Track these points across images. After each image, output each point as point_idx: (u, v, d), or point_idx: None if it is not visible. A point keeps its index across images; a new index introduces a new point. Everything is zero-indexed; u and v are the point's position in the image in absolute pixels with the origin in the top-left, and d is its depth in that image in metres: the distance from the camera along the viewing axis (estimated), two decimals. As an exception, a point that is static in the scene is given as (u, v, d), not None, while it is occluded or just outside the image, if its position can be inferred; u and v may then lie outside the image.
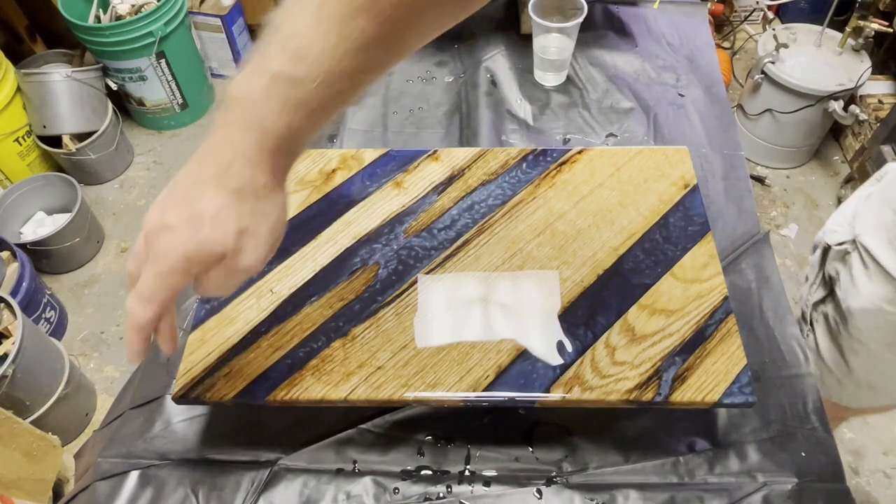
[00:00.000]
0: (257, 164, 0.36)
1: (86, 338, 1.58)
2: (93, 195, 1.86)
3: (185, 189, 0.37)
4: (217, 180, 0.36)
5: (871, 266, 0.66)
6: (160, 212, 0.37)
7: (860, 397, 0.76)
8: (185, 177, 0.38)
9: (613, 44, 0.95)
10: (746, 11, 2.11)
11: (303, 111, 0.35)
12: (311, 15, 0.33)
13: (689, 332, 0.54)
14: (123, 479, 0.57)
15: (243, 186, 0.37)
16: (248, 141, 0.36)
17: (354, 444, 0.58)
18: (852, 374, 0.73)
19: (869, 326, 0.68)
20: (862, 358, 0.71)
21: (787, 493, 0.54)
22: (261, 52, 0.35)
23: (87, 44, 1.76)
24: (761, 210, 1.73)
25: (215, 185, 0.36)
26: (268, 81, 0.34)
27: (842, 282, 0.70)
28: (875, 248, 0.65)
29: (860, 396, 0.76)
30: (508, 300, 0.56)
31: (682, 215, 0.62)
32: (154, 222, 0.37)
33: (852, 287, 0.68)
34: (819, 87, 1.56)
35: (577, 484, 0.55)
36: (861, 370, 0.72)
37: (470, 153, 0.67)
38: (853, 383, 0.74)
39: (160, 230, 0.37)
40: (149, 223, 0.38)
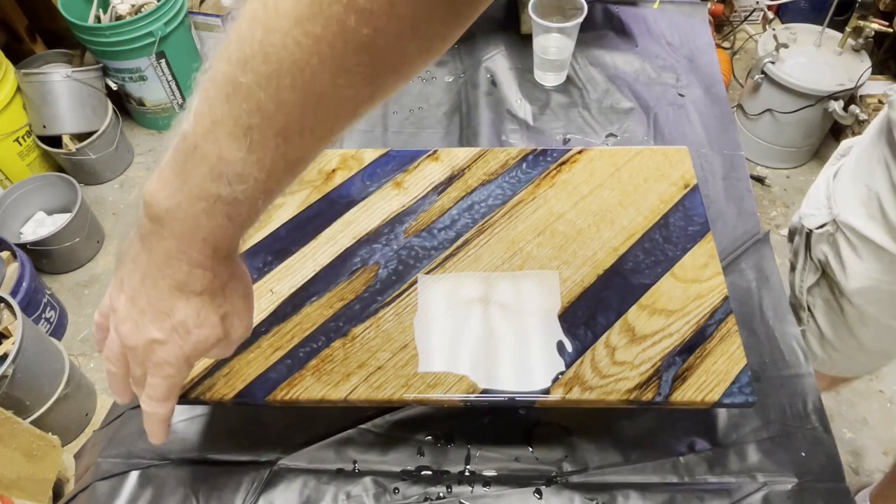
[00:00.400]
0: (213, 267, 0.36)
1: (86, 338, 1.58)
2: (93, 195, 1.86)
3: (149, 304, 0.37)
4: (181, 291, 0.37)
5: (858, 243, 0.67)
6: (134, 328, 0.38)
7: (873, 365, 0.78)
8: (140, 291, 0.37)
9: (613, 44, 0.95)
10: (746, 11, 2.12)
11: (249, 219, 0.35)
12: (239, 143, 0.31)
13: (689, 332, 0.54)
14: (123, 479, 0.57)
15: (207, 286, 0.37)
16: (198, 253, 0.35)
17: (354, 444, 0.58)
18: (863, 348, 0.74)
19: (870, 302, 0.69)
20: (872, 330, 0.71)
21: (787, 493, 0.54)
22: (183, 168, 0.33)
23: (87, 44, 1.76)
24: (761, 210, 1.73)
25: (183, 296, 0.37)
26: (207, 206, 0.33)
27: (832, 264, 0.71)
28: (858, 224, 0.66)
29: (873, 364, 0.77)
30: (508, 300, 0.56)
31: (682, 215, 0.62)
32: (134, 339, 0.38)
33: (844, 268, 0.69)
34: (819, 87, 1.56)
35: (577, 484, 0.55)
36: (873, 342, 0.73)
37: (470, 153, 0.67)
38: (865, 355, 0.75)
39: (150, 345, 0.38)
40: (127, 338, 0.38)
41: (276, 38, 0.28)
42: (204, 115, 0.31)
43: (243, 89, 0.30)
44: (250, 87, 0.29)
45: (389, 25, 0.28)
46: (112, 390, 0.42)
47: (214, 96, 0.31)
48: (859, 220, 0.66)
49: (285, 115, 0.30)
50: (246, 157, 0.31)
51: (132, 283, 0.37)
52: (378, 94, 0.32)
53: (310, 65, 0.29)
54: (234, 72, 0.30)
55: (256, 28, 0.29)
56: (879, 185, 0.64)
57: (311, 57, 0.28)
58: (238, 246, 0.38)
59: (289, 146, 0.32)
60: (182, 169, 0.33)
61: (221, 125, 0.31)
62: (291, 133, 0.31)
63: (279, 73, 0.29)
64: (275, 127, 0.31)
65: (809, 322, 0.77)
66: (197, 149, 0.32)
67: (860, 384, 1.42)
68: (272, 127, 0.31)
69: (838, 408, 1.38)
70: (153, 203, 0.34)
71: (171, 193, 0.33)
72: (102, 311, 0.42)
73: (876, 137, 0.65)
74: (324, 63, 0.29)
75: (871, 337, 0.72)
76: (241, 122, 0.30)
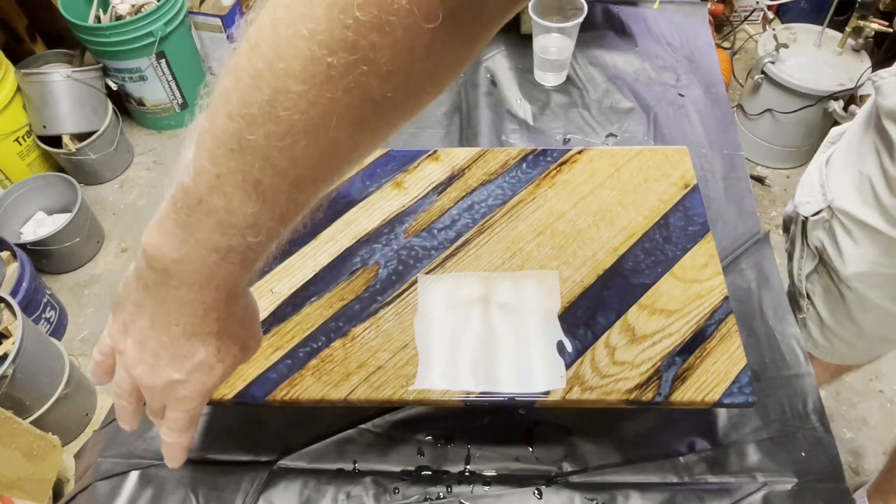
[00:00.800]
0: (228, 307, 0.36)
1: (86, 338, 1.58)
2: (93, 195, 1.86)
3: (163, 349, 0.37)
4: (196, 333, 0.36)
5: (854, 228, 0.67)
6: (149, 370, 0.37)
7: (874, 351, 0.77)
8: (149, 337, 0.37)
9: (613, 44, 0.95)
10: (746, 11, 2.11)
11: (263, 260, 0.35)
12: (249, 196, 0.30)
13: (689, 332, 0.54)
14: (123, 479, 0.57)
15: (224, 323, 0.37)
16: (212, 300, 0.35)
17: (354, 444, 0.58)
18: (864, 333, 0.74)
19: (869, 286, 0.69)
20: (872, 315, 0.71)
21: (787, 493, 0.54)
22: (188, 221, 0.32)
23: (87, 44, 1.76)
24: (761, 210, 1.73)
25: (200, 338, 0.36)
26: (219, 257, 0.32)
27: (829, 250, 0.71)
28: (852, 209, 0.66)
29: (874, 350, 0.77)
30: (508, 300, 0.56)
31: (682, 215, 0.62)
32: (151, 380, 0.38)
33: (841, 254, 0.69)
34: (819, 87, 1.56)
35: (577, 484, 0.55)
36: (873, 327, 0.73)
37: (470, 153, 0.67)
38: (866, 341, 0.75)
39: (169, 385, 0.37)
40: (143, 380, 0.38)
41: (289, 100, 0.27)
42: (206, 170, 0.30)
43: (251, 146, 0.28)
44: (259, 144, 0.28)
45: (410, 83, 0.28)
46: (121, 421, 0.42)
47: (217, 151, 0.29)
48: (854, 205, 0.67)
49: (299, 168, 0.29)
50: (259, 210, 0.30)
51: (139, 327, 0.37)
52: (392, 134, 0.32)
53: (326, 124, 0.28)
54: (239, 129, 0.28)
55: (263, 88, 0.27)
56: (871, 170, 0.65)
57: (329, 117, 0.27)
58: (251, 280, 0.37)
59: (301, 194, 0.31)
60: (186, 222, 0.32)
61: (228, 180, 0.30)
62: (305, 183, 0.30)
63: (292, 133, 0.28)
64: (288, 180, 0.30)
65: (809, 309, 0.78)
66: (202, 203, 0.31)
67: (860, 384, 1.42)
68: (286, 180, 0.30)
69: (838, 408, 1.38)
70: (157, 255, 0.33)
71: (176, 245, 0.32)
72: (102, 350, 0.41)
73: (865, 124, 0.66)
74: (342, 122, 0.28)
75: (871, 322, 0.72)
76: (251, 177, 0.29)
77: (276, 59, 0.27)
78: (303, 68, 0.26)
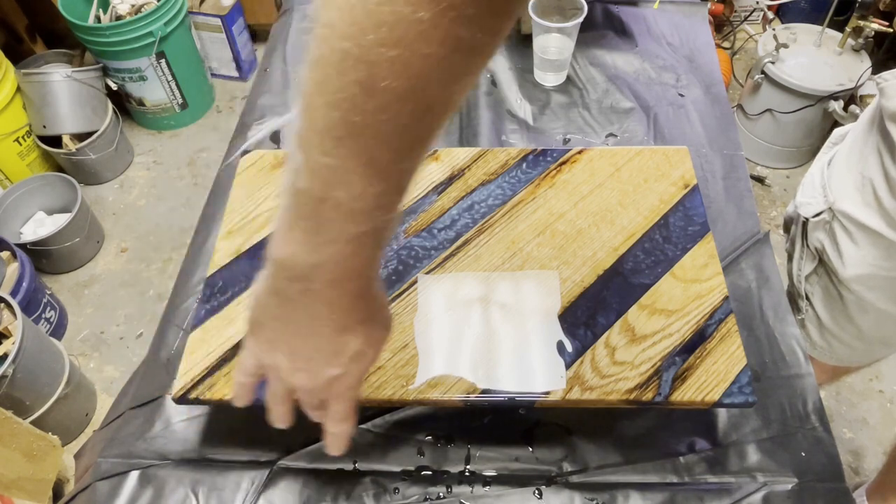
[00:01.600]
0: (369, 291, 0.37)
1: (86, 338, 1.58)
2: (93, 195, 1.86)
3: (317, 351, 0.37)
4: (346, 327, 0.37)
5: (854, 230, 0.67)
6: (309, 375, 0.38)
7: (873, 354, 0.77)
8: (299, 345, 0.38)
9: (613, 44, 0.95)
10: (746, 11, 2.11)
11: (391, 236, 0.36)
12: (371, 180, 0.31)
13: (689, 332, 0.54)
14: (123, 479, 0.57)
15: (368, 309, 0.38)
16: (357, 287, 0.35)
17: (354, 444, 0.58)
18: (863, 335, 0.74)
19: (869, 288, 0.69)
20: (872, 317, 0.71)
21: (787, 493, 0.54)
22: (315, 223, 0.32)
23: (87, 44, 1.76)
24: (761, 210, 1.73)
25: (350, 330, 0.37)
26: (356, 246, 0.33)
27: (829, 252, 0.71)
28: (853, 211, 0.66)
29: (873, 353, 0.77)
30: (508, 300, 0.56)
31: (682, 215, 0.62)
32: (312, 383, 0.39)
33: (841, 256, 0.69)
34: (819, 87, 1.56)
35: (577, 484, 0.55)
36: (872, 329, 0.73)
37: (470, 153, 0.67)
38: (864, 342, 0.75)
39: (329, 382, 0.38)
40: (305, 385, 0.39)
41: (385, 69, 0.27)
42: (321, 167, 0.30)
43: (358, 127, 0.29)
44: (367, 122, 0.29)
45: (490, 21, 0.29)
46: (279, 423, 0.43)
47: (326, 145, 0.30)
48: (855, 207, 0.66)
49: (405, 135, 0.30)
50: (381, 188, 0.31)
51: (285, 339, 0.38)
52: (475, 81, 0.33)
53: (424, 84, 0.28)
54: (342, 115, 0.29)
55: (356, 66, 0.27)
56: (872, 173, 0.64)
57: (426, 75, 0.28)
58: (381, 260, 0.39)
59: (411, 160, 0.32)
60: (314, 224, 0.32)
61: (345, 169, 0.30)
62: (413, 148, 0.31)
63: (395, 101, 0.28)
64: (398, 149, 0.30)
65: (808, 311, 0.78)
66: (326, 200, 0.31)
67: (860, 384, 1.42)
68: (397, 150, 0.30)
69: (838, 408, 1.38)
70: (293, 265, 0.34)
71: (311, 250, 0.33)
72: (246, 371, 0.42)
73: (868, 125, 0.66)
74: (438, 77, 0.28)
75: (870, 324, 0.72)
76: (365, 157, 0.30)
77: (361, 35, 0.27)
78: (391, 33, 0.26)
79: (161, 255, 1.73)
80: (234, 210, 0.64)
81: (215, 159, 1.94)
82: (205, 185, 1.87)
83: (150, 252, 1.74)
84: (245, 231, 0.62)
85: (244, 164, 0.68)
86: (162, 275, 1.69)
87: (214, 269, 0.59)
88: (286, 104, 0.89)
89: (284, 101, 0.90)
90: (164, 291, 1.64)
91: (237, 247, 0.61)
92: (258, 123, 0.88)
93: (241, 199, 0.65)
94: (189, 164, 1.94)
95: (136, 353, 1.54)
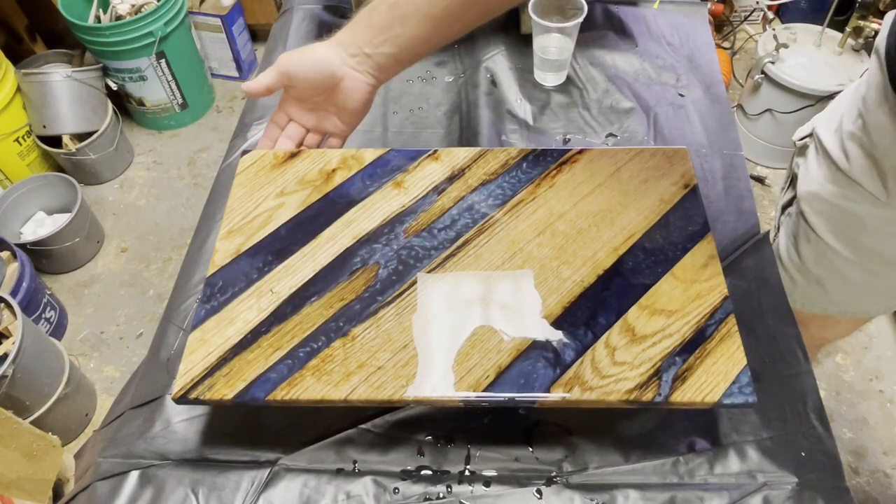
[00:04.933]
0: None
1: (86, 338, 1.58)
2: (93, 195, 1.86)
3: None
4: None
5: (821, 151, 0.70)
6: None
7: (812, 297, 0.78)
8: None
9: (613, 44, 0.95)
10: (746, 11, 2.12)
11: None
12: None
13: (689, 332, 0.54)
14: (123, 479, 0.57)
15: None
16: None
17: (354, 444, 0.58)
18: (804, 267, 0.75)
19: (814, 211, 0.71)
20: (812, 246, 0.73)
21: (787, 493, 0.54)
22: None
23: (87, 44, 1.76)
24: (761, 210, 1.73)
25: None
26: None
27: (799, 174, 0.74)
28: (824, 135, 0.69)
29: (811, 296, 0.77)
30: (508, 300, 0.56)
31: (682, 215, 0.62)
32: None
33: (806, 174, 0.72)
34: (819, 87, 1.56)
35: (577, 484, 0.55)
36: (810, 260, 0.74)
37: (470, 153, 0.67)
38: (804, 278, 0.76)
39: None
40: None
41: None
42: None
43: None
44: None
45: None
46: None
47: None
48: (826, 133, 0.69)
49: None
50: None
51: None
52: None
53: None
54: None
55: None
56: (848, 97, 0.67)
57: None
58: None
59: None
60: None
61: None
62: None
63: None
64: None
65: (775, 242, 0.79)
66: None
67: (860, 384, 1.42)
68: None
69: (838, 408, 1.38)
70: None
71: None
72: None
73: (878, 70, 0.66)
74: None
75: (810, 255, 0.73)
76: None
77: None
78: None
79: (161, 255, 1.73)
80: (234, 210, 0.64)
81: (215, 159, 1.94)
82: (205, 185, 1.87)
83: (150, 252, 1.74)
84: (245, 231, 0.62)
85: (244, 163, 0.68)
86: (162, 275, 1.69)
87: (214, 269, 0.59)
88: (286, 104, 0.89)
89: (284, 101, 0.90)
90: (164, 291, 1.65)
91: (237, 247, 0.61)
92: (258, 123, 0.88)
93: (241, 199, 0.65)
94: (189, 164, 1.94)
95: (136, 353, 1.54)
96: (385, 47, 0.61)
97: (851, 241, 0.69)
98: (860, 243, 0.69)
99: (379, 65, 0.63)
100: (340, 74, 0.63)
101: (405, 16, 0.59)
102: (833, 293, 0.76)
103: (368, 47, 0.62)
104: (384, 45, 0.61)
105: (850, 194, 0.67)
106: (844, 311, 0.78)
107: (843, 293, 0.75)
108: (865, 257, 0.70)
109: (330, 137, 0.69)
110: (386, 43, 0.61)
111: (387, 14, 0.60)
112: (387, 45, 0.61)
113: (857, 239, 0.69)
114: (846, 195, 0.67)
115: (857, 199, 0.66)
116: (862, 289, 0.73)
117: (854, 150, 0.65)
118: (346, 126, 0.68)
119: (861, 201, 0.66)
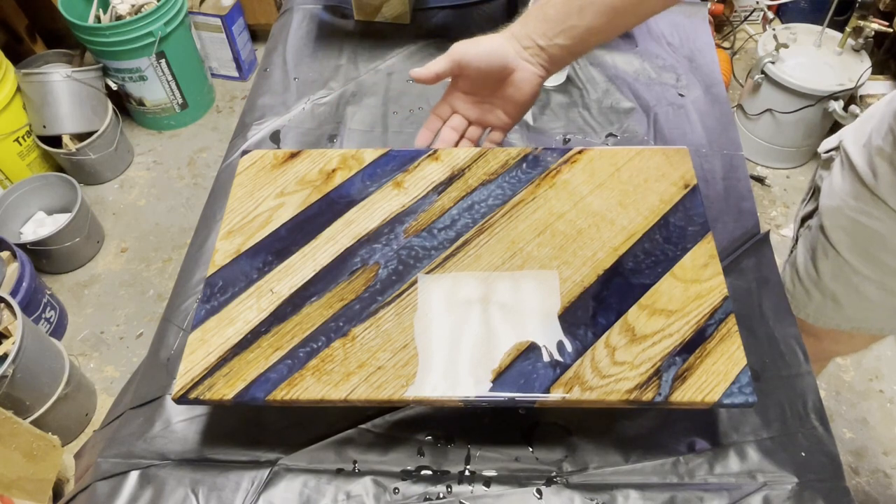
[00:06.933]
0: None
1: (86, 338, 1.58)
2: (93, 195, 1.86)
3: None
4: None
5: (847, 165, 0.69)
6: None
7: (825, 311, 0.77)
8: None
9: (613, 44, 0.95)
10: (746, 11, 2.12)
11: None
12: None
13: (689, 332, 0.54)
14: (123, 479, 0.57)
15: None
16: None
17: (354, 444, 0.58)
18: (820, 282, 0.74)
19: (834, 226, 0.70)
20: (830, 261, 0.72)
21: (787, 493, 0.54)
22: None
23: (87, 44, 1.76)
24: (761, 210, 1.73)
25: None
26: None
27: (823, 186, 0.73)
28: (851, 149, 0.68)
29: (825, 310, 0.77)
30: (508, 300, 0.56)
31: (682, 215, 0.62)
32: None
33: (830, 188, 0.71)
34: (819, 87, 1.56)
35: (577, 484, 0.55)
36: (827, 276, 0.73)
37: (470, 153, 0.67)
38: (820, 293, 0.75)
39: None
40: None
41: None
42: None
43: None
44: None
45: None
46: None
47: None
48: (853, 147, 0.68)
49: None
50: None
51: None
52: None
53: None
54: None
55: None
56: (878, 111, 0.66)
57: None
58: None
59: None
60: None
61: None
62: None
63: None
64: None
65: (793, 253, 0.79)
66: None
67: (860, 384, 1.42)
68: None
69: (838, 408, 1.38)
70: None
71: None
72: None
73: None
74: None
75: (828, 270, 0.73)
76: None
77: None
78: None
79: (161, 255, 1.73)
80: (234, 210, 0.64)
81: (215, 159, 1.94)
82: (205, 185, 1.87)
83: (150, 252, 1.74)
84: (245, 231, 0.62)
85: (244, 163, 0.68)
86: (162, 275, 1.69)
87: (214, 269, 0.59)
88: (286, 104, 0.90)
89: (284, 101, 0.90)
90: (164, 291, 1.65)
91: (237, 247, 0.61)
92: (258, 123, 0.88)
93: (241, 199, 0.65)
94: (189, 164, 1.94)
95: (136, 353, 1.54)
96: (559, 39, 0.61)
97: (871, 259, 0.68)
98: (880, 261, 0.68)
99: (552, 56, 0.62)
100: (513, 65, 0.62)
101: (582, 7, 0.59)
102: (848, 309, 0.75)
103: (542, 39, 0.61)
104: (559, 36, 0.61)
105: (874, 212, 0.65)
106: (858, 328, 0.77)
107: (858, 310, 0.75)
108: (884, 275, 0.69)
109: (492, 131, 0.68)
110: (560, 35, 0.61)
111: (562, 6, 0.60)
112: (561, 36, 0.61)
113: (877, 257, 0.68)
114: (869, 212, 0.66)
115: (882, 216, 0.65)
116: (878, 307, 0.72)
117: (883, 166, 0.64)
118: (510, 119, 0.67)
119: (885, 219, 0.65)
